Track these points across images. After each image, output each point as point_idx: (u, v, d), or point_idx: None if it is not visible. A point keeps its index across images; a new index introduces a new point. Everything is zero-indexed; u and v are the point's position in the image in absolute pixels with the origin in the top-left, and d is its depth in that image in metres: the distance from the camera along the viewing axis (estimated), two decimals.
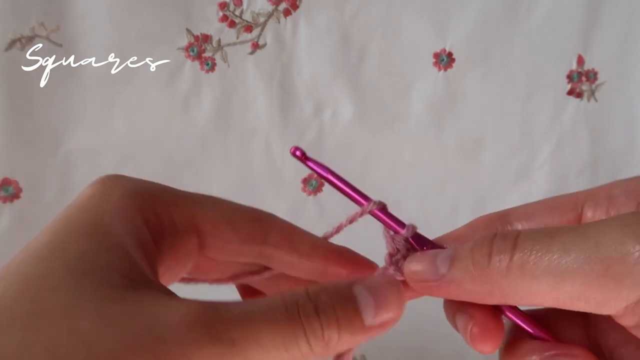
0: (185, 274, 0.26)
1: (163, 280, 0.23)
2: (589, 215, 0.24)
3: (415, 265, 0.24)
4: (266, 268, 0.27)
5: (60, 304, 0.17)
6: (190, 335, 0.17)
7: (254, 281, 0.28)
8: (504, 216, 0.26)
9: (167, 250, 0.23)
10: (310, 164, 0.25)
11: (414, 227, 0.26)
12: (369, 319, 0.21)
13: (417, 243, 0.26)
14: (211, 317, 0.18)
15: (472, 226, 0.27)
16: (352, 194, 0.26)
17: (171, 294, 0.20)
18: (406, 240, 0.26)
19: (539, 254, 0.20)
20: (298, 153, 0.25)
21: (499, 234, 0.22)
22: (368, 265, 0.27)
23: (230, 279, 0.28)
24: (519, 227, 0.25)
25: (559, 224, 0.24)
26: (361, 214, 0.26)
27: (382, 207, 0.26)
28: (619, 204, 0.23)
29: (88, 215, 0.20)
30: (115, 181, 0.22)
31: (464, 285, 0.22)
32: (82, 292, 0.17)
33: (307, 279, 0.27)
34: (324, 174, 0.25)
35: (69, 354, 0.16)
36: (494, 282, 0.21)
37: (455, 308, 0.26)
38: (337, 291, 0.21)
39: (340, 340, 0.20)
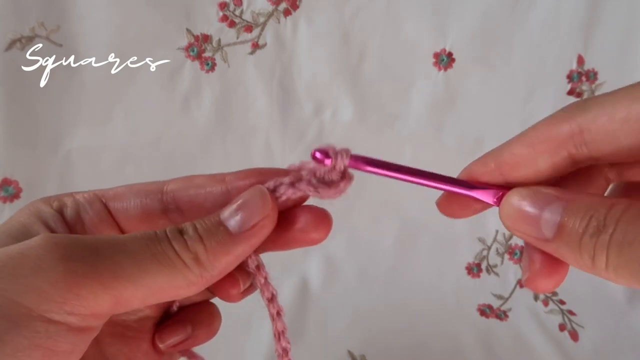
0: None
1: None
2: None
3: (518, 210, 0.22)
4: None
5: None
6: (51, 248, 0.20)
7: None
8: (577, 134, 0.21)
9: (77, 219, 0.26)
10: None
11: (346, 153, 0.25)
12: (232, 224, 0.23)
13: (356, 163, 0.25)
14: (75, 236, 0.21)
15: (533, 141, 0.22)
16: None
17: None
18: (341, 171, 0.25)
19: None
20: (318, 155, 0.24)
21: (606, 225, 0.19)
22: (274, 172, 0.26)
23: None
24: (599, 154, 0.21)
25: None
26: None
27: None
28: None
29: (10, 217, 0.25)
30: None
31: (564, 257, 0.21)
32: None
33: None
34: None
35: None
36: (595, 271, 0.20)
37: (528, 245, 0.24)
38: (203, 217, 0.23)
39: (211, 251, 0.22)
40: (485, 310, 0.69)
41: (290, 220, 0.25)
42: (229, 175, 0.26)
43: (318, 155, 0.24)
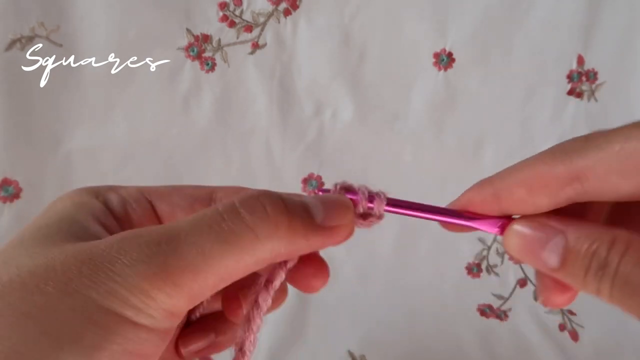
0: None
1: None
2: None
3: (521, 243, 0.22)
4: None
5: (5, 255, 0.21)
6: (119, 251, 0.19)
7: None
8: (575, 181, 0.21)
9: (125, 216, 0.25)
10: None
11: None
12: (319, 217, 0.22)
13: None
14: (139, 234, 0.20)
15: (530, 183, 0.22)
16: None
17: None
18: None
19: None
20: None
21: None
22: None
23: None
24: (598, 199, 0.21)
25: None
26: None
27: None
28: None
29: (48, 206, 0.24)
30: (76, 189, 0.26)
31: (570, 284, 0.22)
32: (25, 245, 0.21)
33: None
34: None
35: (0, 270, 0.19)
36: (601, 299, 0.21)
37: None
38: (288, 194, 0.23)
39: (292, 229, 0.21)
40: (485, 310, 0.69)
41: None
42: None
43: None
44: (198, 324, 0.29)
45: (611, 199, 0.21)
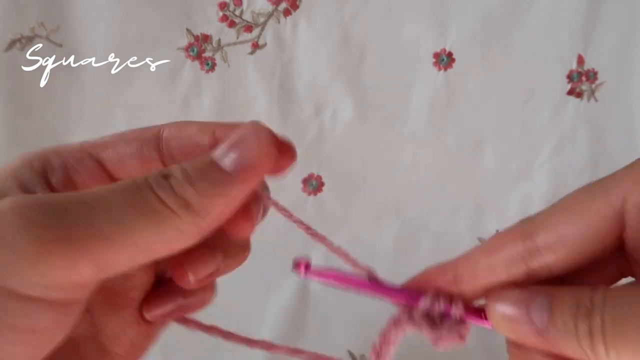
0: None
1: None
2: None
3: (505, 309, 0.23)
4: None
5: None
6: (17, 213, 0.17)
7: None
8: (526, 234, 0.22)
9: (67, 183, 0.23)
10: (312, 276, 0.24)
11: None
12: (227, 163, 0.20)
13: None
14: (40, 196, 0.19)
15: (490, 251, 0.23)
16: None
17: None
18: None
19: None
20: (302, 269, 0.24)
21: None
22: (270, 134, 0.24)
23: None
24: (554, 258, 0.22)
25: (596, 235, 0.22)
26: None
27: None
28: None
29: None
30: None
31: (563, 348, 0.21)
32: None
33: None
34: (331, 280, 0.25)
35: None
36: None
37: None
38: (192, 158, 0.21)
39: (204, 194, 0.19)
40: None
41: None
42: (219, 129, 0.24)
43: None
44: (165, 286, 0.26)
45: (571, 255, 0.21)
